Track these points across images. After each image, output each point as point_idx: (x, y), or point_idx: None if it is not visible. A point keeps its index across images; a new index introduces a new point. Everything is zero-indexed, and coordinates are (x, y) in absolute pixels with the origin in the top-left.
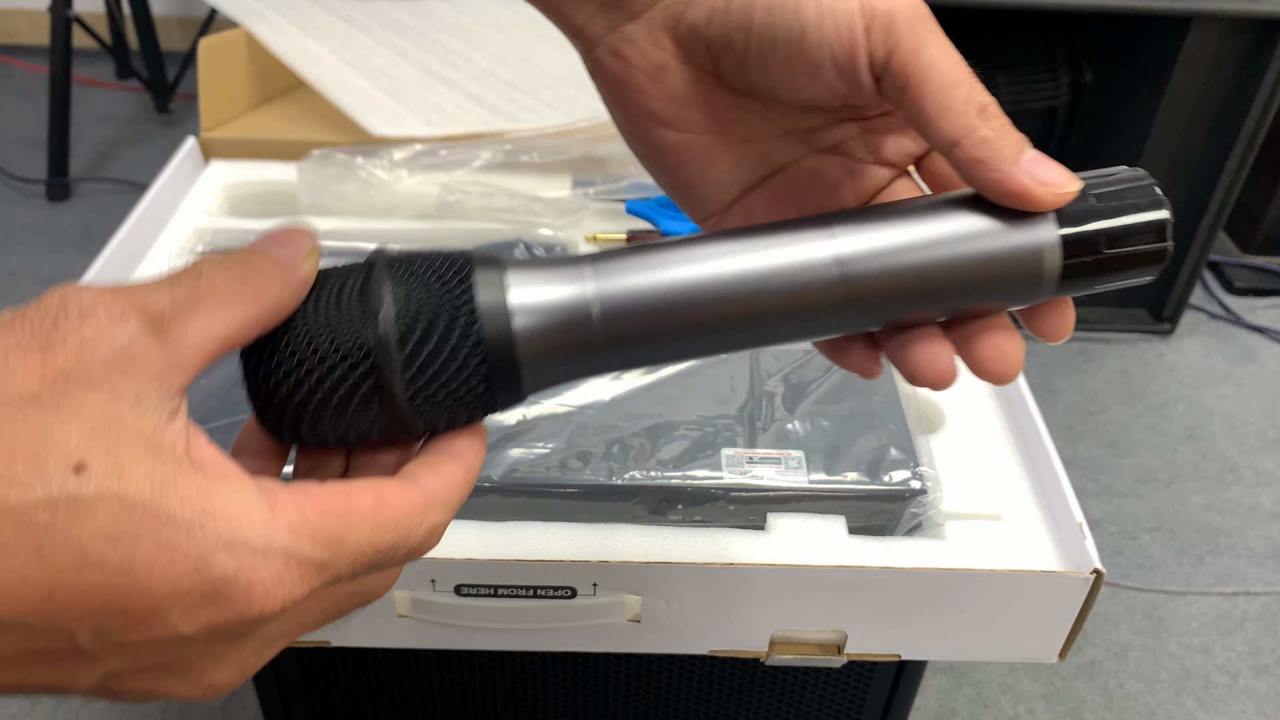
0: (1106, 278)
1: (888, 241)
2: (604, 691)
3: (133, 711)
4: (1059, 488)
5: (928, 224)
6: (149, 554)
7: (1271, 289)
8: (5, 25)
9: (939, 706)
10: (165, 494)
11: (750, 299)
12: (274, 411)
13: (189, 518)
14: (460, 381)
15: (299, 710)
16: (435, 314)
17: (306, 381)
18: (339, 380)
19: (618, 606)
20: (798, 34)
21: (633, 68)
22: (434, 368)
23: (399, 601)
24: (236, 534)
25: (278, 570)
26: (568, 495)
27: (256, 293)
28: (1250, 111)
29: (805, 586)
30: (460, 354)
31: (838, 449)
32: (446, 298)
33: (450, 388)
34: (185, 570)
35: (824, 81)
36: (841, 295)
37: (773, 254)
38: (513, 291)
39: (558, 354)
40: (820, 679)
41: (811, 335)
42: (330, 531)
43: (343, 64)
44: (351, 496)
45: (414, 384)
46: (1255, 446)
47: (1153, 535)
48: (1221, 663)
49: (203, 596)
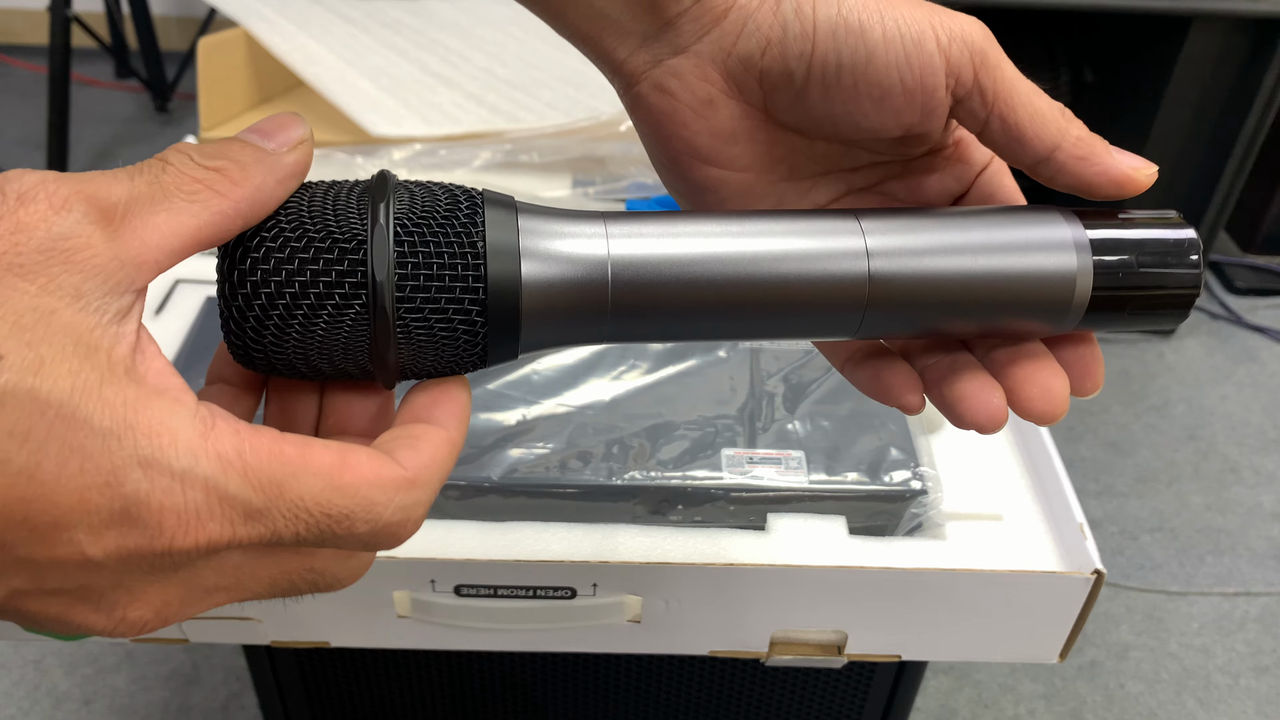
0: (1136, 302)
1: (919, 240)
2: (604, 692)
3: (132, 712)
4: (1059, 488)
5: (960, 227)
6: (57, 459)
7: (1272, 289)
8: (4, 25)
9: (939, 707)
10: (85, 397)
11: (771, 279)
12: (242, 310)
13: (107, 426)
14: (455, 309)
15: (298, 710)
16: (442, 228)
17: (285, 268)
18: (324, 267)
19: (617, 607)
20: (864, 59)
21: (679, 103)
22: (430, 281)
23: (399, 602)
24: (155, 451)
25: (196, 500)
26: (568, 495)
27: (233, 183)
28: (1251, 111)
29: (805, 587)
30: (460, 281)
31: (838, 449)
32: (456, 219)
33: (444, 313)
34: (95, 483)
35: (890, 107)
36: (866, 290)
37: (801, 238)
38: (526, 234)
39: (561, 313)
40: (820, 679)
41: (829, 330)
42: (268, 474)
43: (342, 63)
44: (309, 449)
45: (406, 295)
46: (1256, 447)
47: (1153, 535)
48: (1222, 663)
49: (111, 515)
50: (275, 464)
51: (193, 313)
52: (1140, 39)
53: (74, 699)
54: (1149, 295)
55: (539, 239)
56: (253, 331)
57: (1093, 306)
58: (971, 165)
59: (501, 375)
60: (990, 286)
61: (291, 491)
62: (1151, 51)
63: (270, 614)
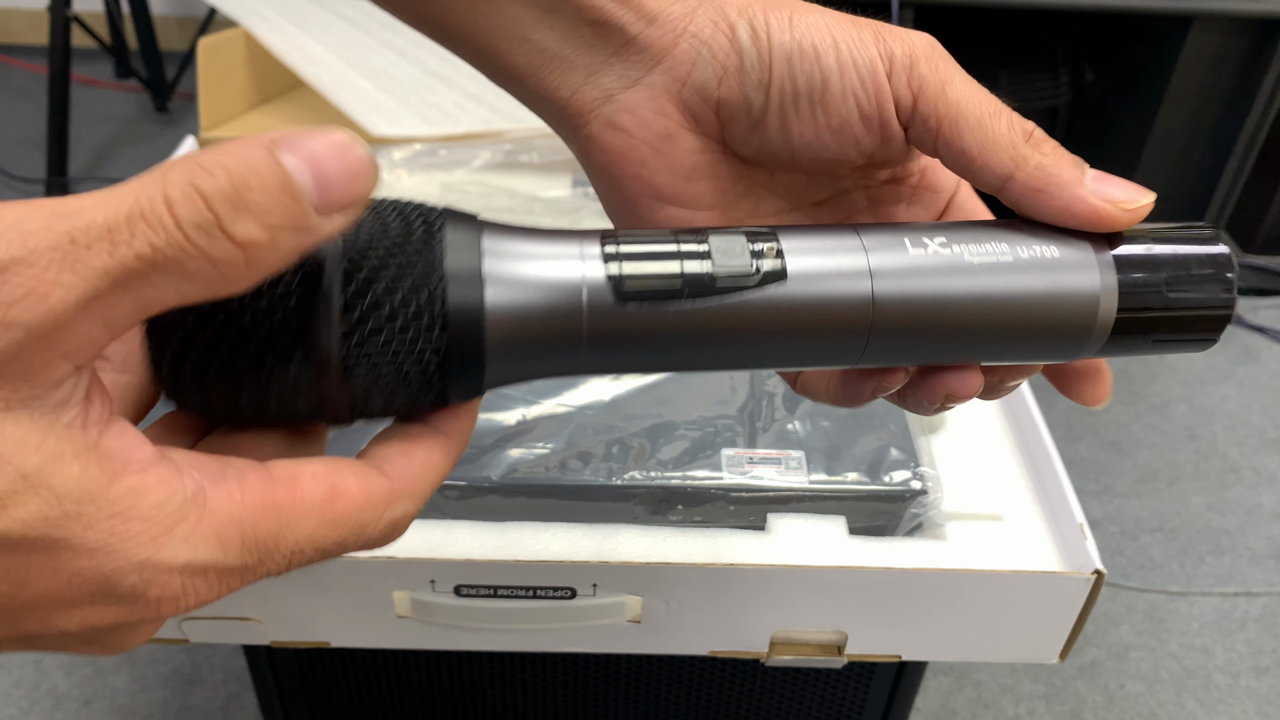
0: (1165, 325)
1: (925, 262)
2: (604, 692)
3: (132, 712)
4: (1060, 488)
5: (971, 247)
6: (41, 583)
7: (1273, 289)
8: (4, 24)
9: (939, 707)
10: (65, 525)
11: (770, 308)
12: (178, 355)
13: (95, 544)
14: (407, 346)
15: (298, 711)
16: (389, 257)
17: (221, 311)
18: (264, 311)
19: (617, 607)
20: (820, 85)
21: (635, 140)
22: (380, 318)
23: (398, 602)
24: (150, 555)
25: (195, 584)
26: (568, 495)
27: (251, 268)
28: (1251, 111)
29: (805, 587)
30: (413, 313)
31: (838, 449)
32: (410, 245)
33: (394, 350)
34: (85, 594)
35: (850, 135)
36: (869, 316)
37: (799, 257)
38: (490, 258)
39: (531, 345)
40: (820, 680)
41: (829, 358)
42: (265, 534)
43: (342, 63)
44: (298, 488)
45: (353, 332)
46: (1256, 447)
47: (1153, 536)
48: (1222, 663)
49: (103, 603)
50: (270, 520)
51: None
52: (1141, 38)
53: (74, 699)
54: (1179, 318)
55: (505, 265)
56: (192, 387)
57: (1117, 330)
58: (940, 192)
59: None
60: (1004, 308)
61: (288, 540)
62: (1152, 51)
63: (270, 614)
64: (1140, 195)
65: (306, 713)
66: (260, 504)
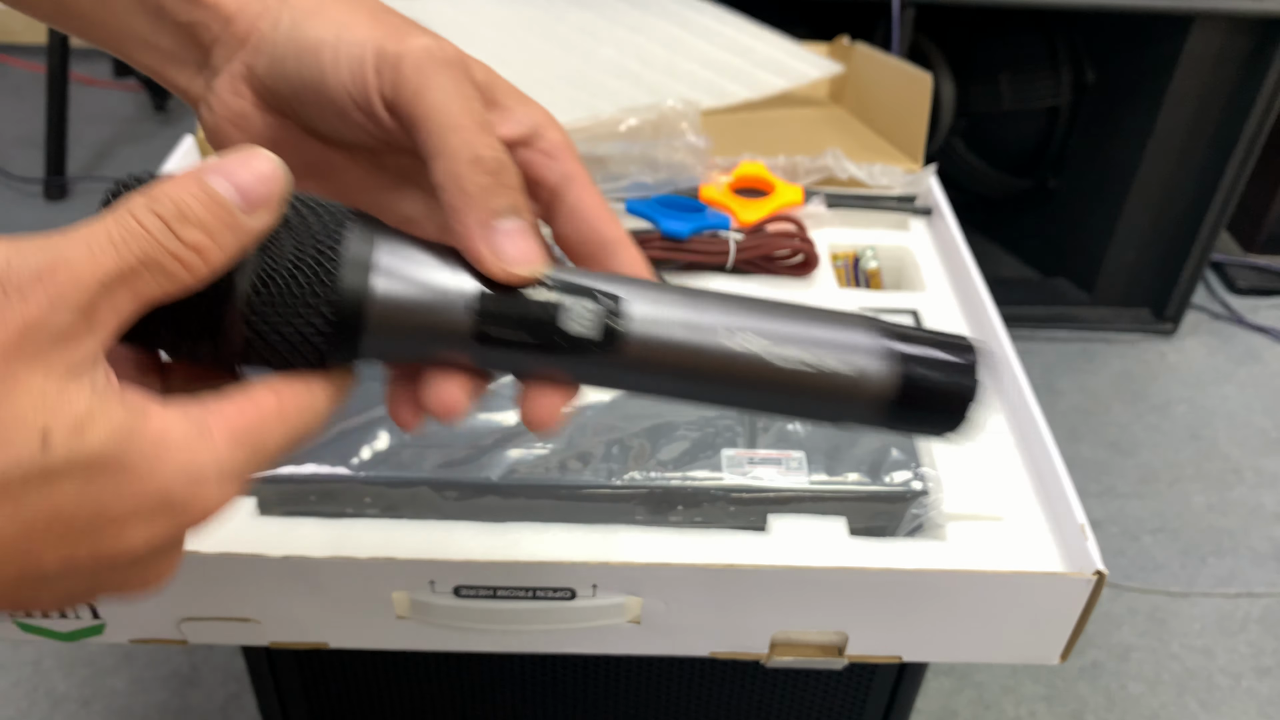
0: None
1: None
2: (604, 693)
3: (131, 713)
4: (1061, 488)
5: (771, 326)
6: (117, 502)
7: (1274, 289)
8: (1, 23)
9: (940, 708)
10: (129, 448)
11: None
12: (152, 328)
13: (151, 465)
14: (303, 311)
15: (297, 711)
16: (302, 242)
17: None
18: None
19: (617, 608)
20: (319, 78)
21: (219, 118)
22: (281, 282)
23: (398, 603)
24: (191, 468)
25: (225, 488)
26: (567, 496)
27: (206, 264)
28: (1253, 111)
29: (806, 588)
30: (310, 285)
31: (838, 449)
32: (319, 231)
33: (292, 310)
34: (148, 507)
35: (356, 122)
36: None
37: (648, 321)
38: (382, 251)
39: (410, 331)
40: (821, 681)
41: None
42: (255, 442)
43: None
44: (257, 402)
45: (258, 294)
46: (1258, 447)
47: (1155, 536)
48: (1224, 664)
49: (163, 515)
50: (254, 432)
51: None
52: (1142, 38)
53: (72, 700)
54: (933, 408)
55: (396, 260)
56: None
57: (882, 407)
58: (541, 186)
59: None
60: (781, 382)
61: (269, 445)
62: (1153, 51)
63: (269, 615)
64: (530, 262)
65: (305, 714)
66: (240, 422)
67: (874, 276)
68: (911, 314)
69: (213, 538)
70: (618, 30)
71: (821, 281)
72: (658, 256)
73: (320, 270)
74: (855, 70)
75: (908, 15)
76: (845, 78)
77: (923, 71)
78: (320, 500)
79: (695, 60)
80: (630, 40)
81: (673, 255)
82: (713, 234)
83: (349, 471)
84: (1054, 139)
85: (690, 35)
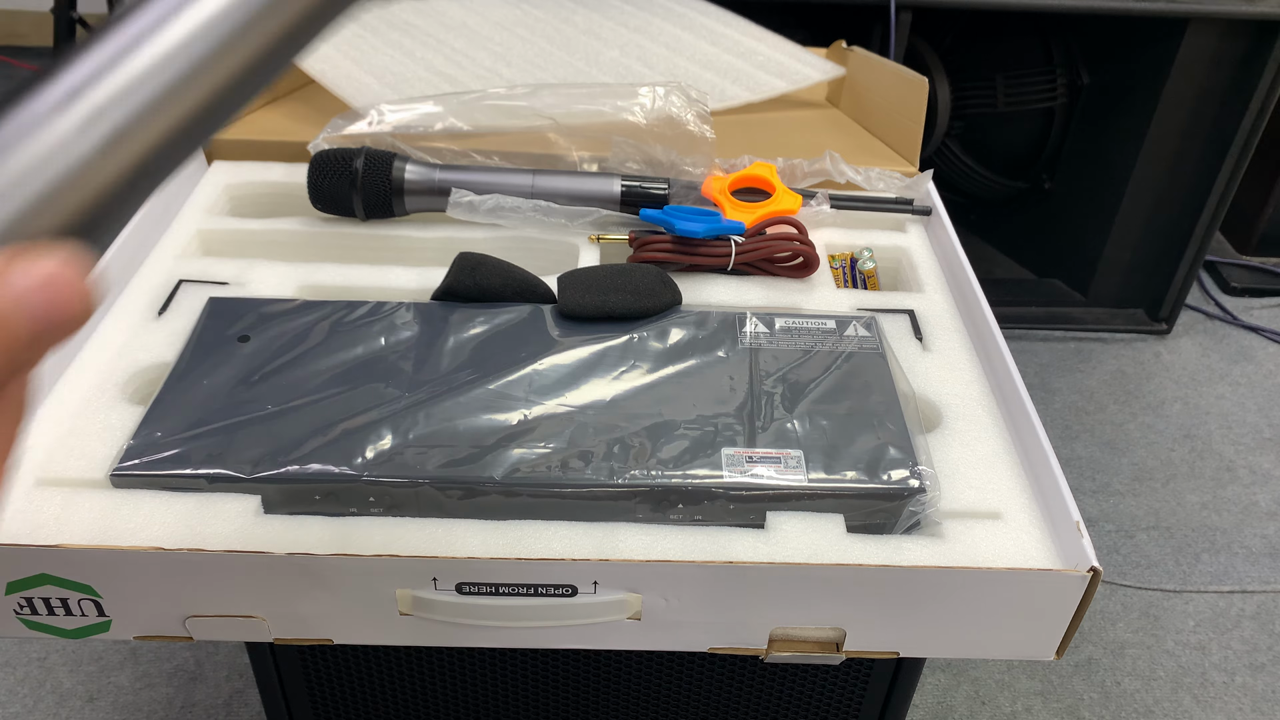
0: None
1: None
2: (604, 688)
3: (136, 709)
4: (1056, 487)
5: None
6: None
7: (1268, 289)
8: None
9: (937, 704)
10: None
11: None
12: None
13: None
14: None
15: (301, 707)
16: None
17: None
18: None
19: (618, 604)
20: None
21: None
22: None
23: (401, 600)
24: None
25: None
26: (569, 494)
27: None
28: (1247, 112)
29: (804, 584)
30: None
31: (836, 448)
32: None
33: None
34: None
35: None
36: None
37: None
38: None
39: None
40: (819, 676)
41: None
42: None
43: (349, 62)
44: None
45: None
46: (1251, 446)
47: (1149, 534)
48: (1218, 660)
49: None
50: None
51: (195, 312)
52: (1137, 40)
53: (78, 696)
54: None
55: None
56: None
57: None
58: None
59: (502, 376)
60: None
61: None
62: (1148, 53)
63: (273, 612)
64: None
65: (309, 709)
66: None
67: (871, 277)
68: (908, 314)
69: (218, 536)
70: (622, 32)
71: (821, 283)
72: (663, 258)
73: None
74: (852, 74)
75: (904, 19)
76: (842, 81)
77: (919, 75)
78: (324, 500)
79: (698, 62)
80: (634, 42)
81: (677, 257)
82: (721, 236)
83: (352, 471)
84: (1049, 141)
85: (693, 37)
